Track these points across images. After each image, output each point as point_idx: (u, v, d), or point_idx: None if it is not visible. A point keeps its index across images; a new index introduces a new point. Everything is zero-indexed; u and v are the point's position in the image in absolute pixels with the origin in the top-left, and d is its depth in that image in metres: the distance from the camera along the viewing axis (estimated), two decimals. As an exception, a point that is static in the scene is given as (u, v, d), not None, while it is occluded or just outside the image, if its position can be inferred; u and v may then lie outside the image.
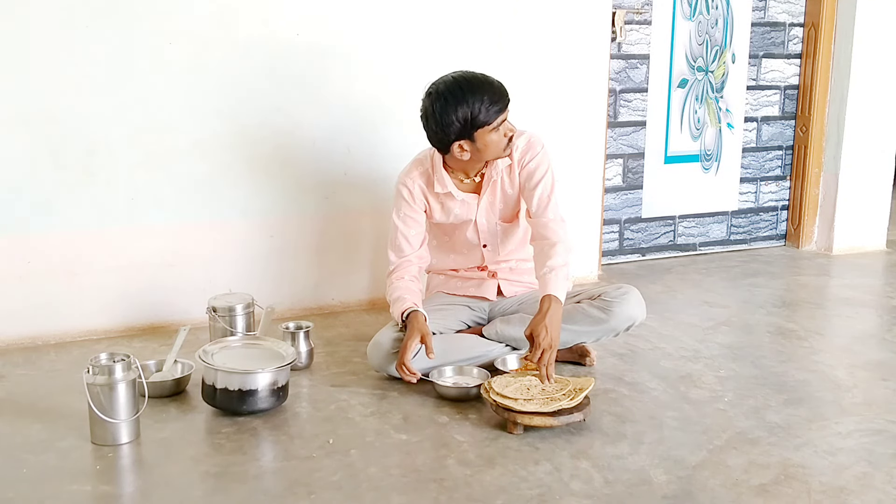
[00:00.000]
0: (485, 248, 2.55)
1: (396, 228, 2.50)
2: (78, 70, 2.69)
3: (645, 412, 2.21)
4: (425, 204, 2.50)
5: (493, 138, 2.31)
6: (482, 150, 2.33)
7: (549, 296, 2.27)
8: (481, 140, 2.31)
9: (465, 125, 2.28)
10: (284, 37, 2.93)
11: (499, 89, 2.29)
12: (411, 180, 2.48)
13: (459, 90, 2.27)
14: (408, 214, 2.49)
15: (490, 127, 2.29)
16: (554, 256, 2.34)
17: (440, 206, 2.50)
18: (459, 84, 2.28)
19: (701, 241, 4.12)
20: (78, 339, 2.81)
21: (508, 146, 2.36)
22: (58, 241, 2.76)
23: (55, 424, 2.11)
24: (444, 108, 2.27)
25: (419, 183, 2.48)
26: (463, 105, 2.26)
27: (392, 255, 2.52)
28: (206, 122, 2.88)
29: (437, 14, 3.13)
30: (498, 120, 2.29)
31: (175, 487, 1.82)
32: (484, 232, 2.52)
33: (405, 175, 2.50)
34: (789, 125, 4.18)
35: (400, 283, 2.46)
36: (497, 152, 2.36)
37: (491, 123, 2.28)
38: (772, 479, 1.85)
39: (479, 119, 2.27)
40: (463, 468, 1.89)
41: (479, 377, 2.35)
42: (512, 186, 2.49)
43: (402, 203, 2.49)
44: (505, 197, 2.50)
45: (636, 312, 2.43)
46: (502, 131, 2.32)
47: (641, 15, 3.73)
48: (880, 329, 3.02)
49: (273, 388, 2.15)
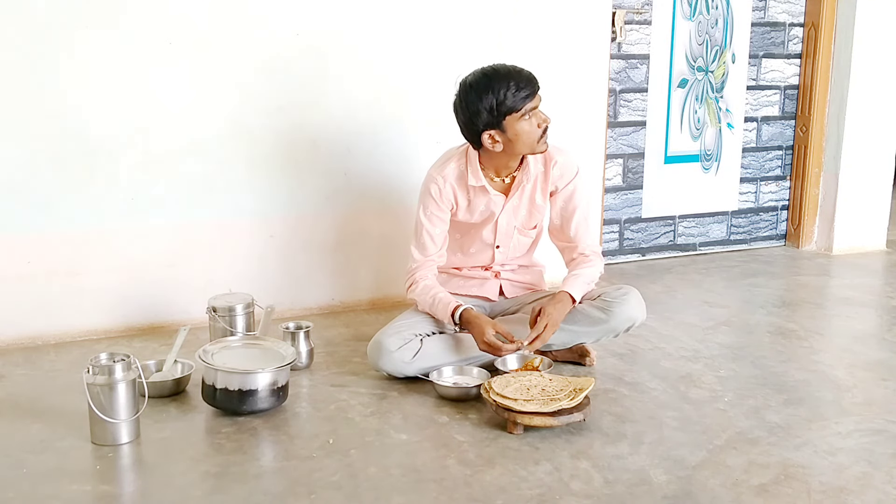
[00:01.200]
0: (497, 248, 2.54)
1: (422, 226, 2.48)
2: (78, 70, 2.69)
3: (645, 412, 2.21)
4: (452, 203, 2.47)
5: (523, 127, 2.30)
6: (514, 141, 2.32)
7: (565, 291, 2.38)
8: (511, 129, 2.30)
9: (493, 113, 2.28)
10: (284, 37, 2.93)
11: (527, 76, 2.30)
12: (443, 178, 2.44)
13: (486, 78, 2.29)
14: (434, 213, 2.46)
15: (518, 114, 2.28)
16: (586, 268, 2.46)
17: (467, 204, 2.47)
18: (486, 73, 2.31)
19: (701, 241, 4.12)
20: (78, 339, 2.81)
21: (543, 139, 2.34)
22: (58, 241, 2.76)
23: (55, 424, 2.11)
24: (471, 98, 2.30)
25: (451, 180, 2.45)
26: (489, 92, 2.27)
27: (416, 253, 2.50)
28: (206, 122, 2.88)
29: (438, 14, 3.13)
30: (526, 106, 2.28)
31: (175, 487, 1.82)
32: (501, 233, 2.51)
33: (436, 170, 2.47)
34: (789, 125, 4.18)
35: (429, 283, 2.47)
36: (530, 144, 2.33)
37: (519, 110, 2.27)
38: (772, 479, 1.85)
39: (505, 105, 2.26)
40: (463, 468, 1.89)
41: (479, 377, 2.35)
42: (543, 198, 2.49)
43: (429, 201, 2.46)
44: (532, 206, 2.50)
45: (636, 313, 2.43)
46: (534, 121, 2.31)
47: (641, 15, 3.73)
48: (880, 329, 3.02)
49: (273, 388, 2.15)
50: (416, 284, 2.48)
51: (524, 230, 2.54)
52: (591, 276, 2.47)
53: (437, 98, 3.14)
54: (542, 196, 2.49)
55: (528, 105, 2.28)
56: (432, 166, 2.50)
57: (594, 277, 2.49)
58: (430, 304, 2.44)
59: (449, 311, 2.38)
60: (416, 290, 2.48)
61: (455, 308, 2.37)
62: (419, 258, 2.50)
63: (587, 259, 2.49)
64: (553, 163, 2.45)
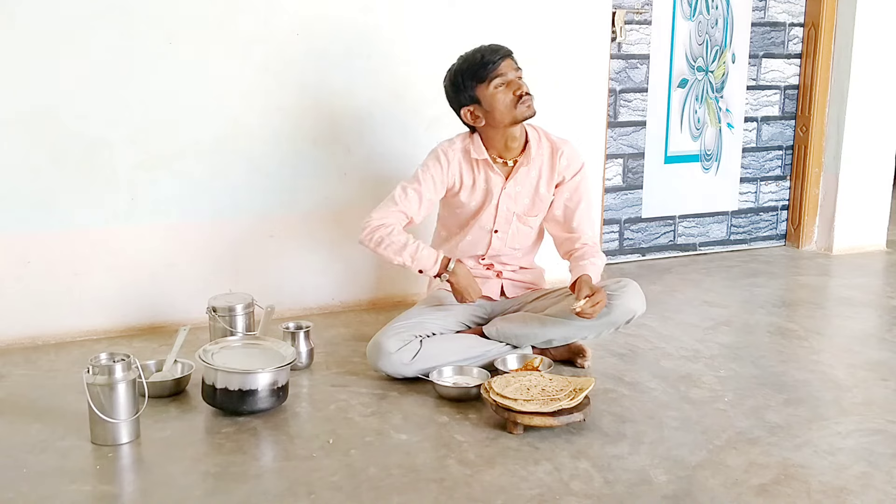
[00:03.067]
0: (496, 233, 2.53)
1: (414, 180, 2.45)
2: (78, 70, 2.69)
3: (645, 412, 2.21)
4: (456, 178, 2.47)
5: (495, 95, 2.35)
6: (491, 112, 2.36)
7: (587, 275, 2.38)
8: (485, 100, 2.36)
9: (464, 87, 2.37)
10: (284, 37, 2.93)
11: (493, 47, 2.38)
12: (453, 151, 2.48)
13: (459, 58, 2.42)
14: (433, 175, 2.45)
15: (487, 83, 2.33)
16: (596, 259, 2.46)
17: (472, 183, 2.48)
18: (461, 55, 2.42)
19: (701, 241, 4.12)
20: (78, 339, 2.81)
21: (522, 104, 2.35)
22: (58, 241, 2.76)
23: (55, 424, 2.11)
24: (447, 78, 2.43)
25: (458, 155, 2.47)
26: (458, 68, 2.40)
27: (396, 198, 2.41)
28: (206, 121, 2.88)
29: (437, 14, 3.13)
30: (491, 74, 2.33)
31: (175, 487, 1.82)
32: (501, 218, 2.51)
33: (447, 143, 2.51)
34: (789, 125, 4.18)
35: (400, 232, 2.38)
36: (508, 111, 2.35)
37: (485, 79, 2.33)
38: (772, 479, 1.85)
39: (468, 75, 2.35)
40: (463, 468, 1.89)
41: (479, 377, 2.35)
42: (548, 189, 2.50)
43: (433, 163, 2.46)
44: (535, 195, 2.51)
45: (636, 305, 2.42)
46: (508, 89, 2.34)
47: (641, 15, 3.73)
48: (880, 329, 3.02)
49: (273, 388, 2.15)
50: (388, 227, 2.37)
51: (524, 217, 2.54)
52: (601, 266, 2.47)
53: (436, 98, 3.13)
54: (548, 187, 2.50)
55: (494, 72, 2.33)
56: (441, 142, 2.53)
57: (602, 268, 2.49)
58: (404, 249, 2.36)
59: (440, 259, 2.37)
60: (385, 231, 2.36)
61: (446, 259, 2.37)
62: (393, 208, 2.40)
63: (592, 249, 2.49)
64: (560, 153, 2.48)
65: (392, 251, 2.37)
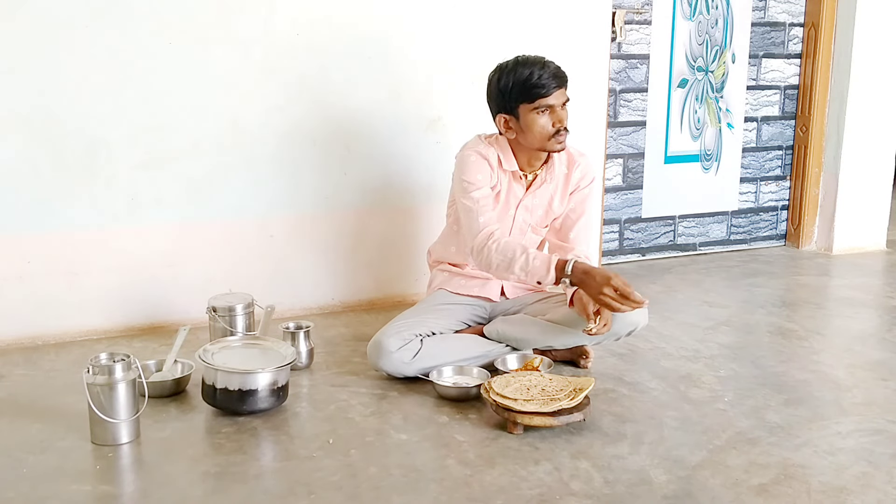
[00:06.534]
0: None
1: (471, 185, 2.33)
2: (78, 70, 2.69)
3: (645, 412, 2.21)
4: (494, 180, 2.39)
5: (536, 119, 2.30)
6: (525, 131, 2.33)
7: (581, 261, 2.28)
8: (523, 118, 2.32)
9: (508, 96, 2.31)
10: (284, 37, 2.93)
11: (552, 71, 2.29)
12: (490, 153, 2.37)
13: (514, 61, 2.33)
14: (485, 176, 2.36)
15: (531, 104, 2.29)
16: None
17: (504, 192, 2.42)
18: (517, 57, 2.34)
19: (701, 241, 4.12)
20: (78, 339, 2.81)
21: (556, 138, 2.31)
22: (58, 241, 2.76)
23: (55, 424, 2.11)
24: (495, 77, 2.35)
25: (491, 158, 2.38)
26: (510, 74, 2.31)
27: (475, 207, 2.32)
28: (206, 122, 2.88)
29: (437, 14, 3.13)
30: (541, 100, 2.28)
31: (175, 487, 1.82)
32: (517, 230, 2.51)
33: (477, 145, 2.40)
34: (789, 125, 4.18)
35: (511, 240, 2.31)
36: (540, 139, 2.32)
37: (532, 100, 2.28)
38: (772, 479, 1.85)
39: (518, 91, 2.28)
40: (463, 468, 1.89)
41: (479, 377, 2.35)
42: (561, 202, 2.50)
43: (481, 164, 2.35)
44: (549, 208, 2.51)
45: (638, 318, 2.41)
46: (550, 118, 2.30)
47: (641, 15, 3.73)
48: (880, 329, 3.02)
49: (273, 388, 2.15)
50: (493, 246, 2.27)
51: (537, 229, 2.54)
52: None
53: (437, 98, 3.15)
54: (561, 200, 2.51)
55: (543, 99, 2.28)
56: (467, 145, 2.44)
57: None
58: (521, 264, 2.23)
59: (553, 263, 2.21)
60: (494, 251, 2.26)
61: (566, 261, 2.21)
62: (483, 211, 2.32)
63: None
64: (576, 165, 2.49)
65: (503, 269, 2.28)
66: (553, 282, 2.23)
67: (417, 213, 3.16)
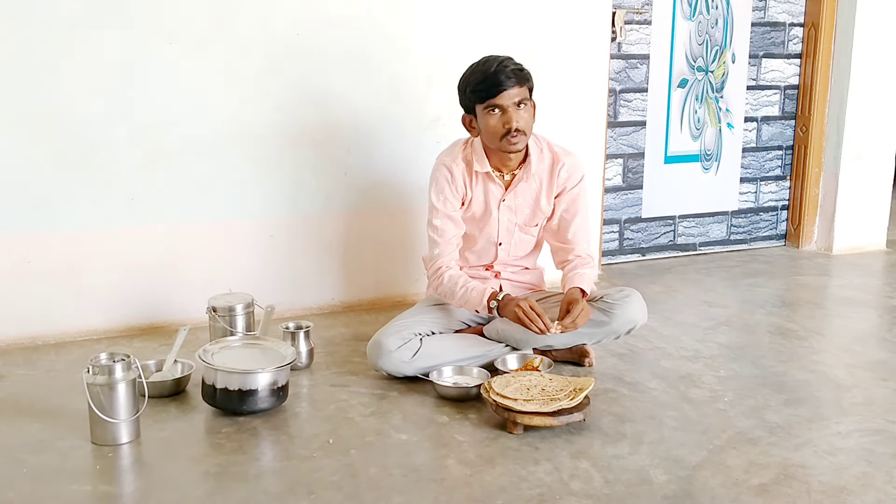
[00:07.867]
0: (500, 245, 2.54)
1: (437, 210, 2.44)
2: (78, 70, 2.69)
3: (645, 412, 2.21)
4: (464, 191, 2.45)
5: (487, 120, 2.31)
6: (482, 130, 2.35)
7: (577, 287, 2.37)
8: (480, 118, 2.34)
9: (464, 95, 2.35)
10: (284, 37, 2.93)
11: (508, 70, 2.27)
12: (456, 165, 2.44)
13: (477, 61, 2.35)
14: (448, 197, 2.44)
15: (482, 105, 2.30)
16: (588, 269, 2.45)
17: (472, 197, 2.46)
18: (482, 57, 2.35)
19: (701, 241, 4.12)
20: (78, 339, 2.81)
21: (508, 139, 2.30)
22: (58, 241, 2.76)
23: (55, 424, 2.11)
24: (461, 77, 2.37)
25: (461, 167, 2.44)
26: (470, 74, 2.34)
27: (436, 237, 2.45)
28: (206, 121, 2.88)
29: (436, 14, 3.13)
30: (490, 99, 2.28)
31: (175, 487, 1.82)
32: (503, 230, 2.51)
33: (446, 156, 2.47)
34: (789, 125, 4.18)
35: (454, 273, 2.43)
36: (492, 139, 2.34)
37: (482, 101, 2.30)
38: (772, 479, 1.85)
39: (471, 89, 2.31)
40: (463, 468, 1.89)
41: (479, 377, 2.35)
42: (548, 201, 2.50)
43: (443, 184, 2.44)
44: (536, 207, 2.50)
45: (637, 316, 2.42)
46: (500, 119, 2.30)
47: (641, 15, 3.73)
48: (880, 329, 3.02)
49: (273, 388, 2.15)
50: (442, 276, 2.43)
51: (526, 228, 2.54)
52: (593, 277, 2.47)
53: (437, 98, 3.14)
54: (548, 199, 2.49)
55: (493, 99, 2.28)
56: (441, 154, 2.50)
57: (594, 279, 2.49)
58: (460, 295, 2.40)
59: (486, 297, 2.35)
60: (442, 283, 2.43)
61: (493, 294, 2.35)
62: (441, 242, 2.45)
63: (584, 261, 2.48)
64: (560, 165, 2.47)
65: (449, 297, 2.45)
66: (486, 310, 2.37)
67: (417, 213, 3.15)
